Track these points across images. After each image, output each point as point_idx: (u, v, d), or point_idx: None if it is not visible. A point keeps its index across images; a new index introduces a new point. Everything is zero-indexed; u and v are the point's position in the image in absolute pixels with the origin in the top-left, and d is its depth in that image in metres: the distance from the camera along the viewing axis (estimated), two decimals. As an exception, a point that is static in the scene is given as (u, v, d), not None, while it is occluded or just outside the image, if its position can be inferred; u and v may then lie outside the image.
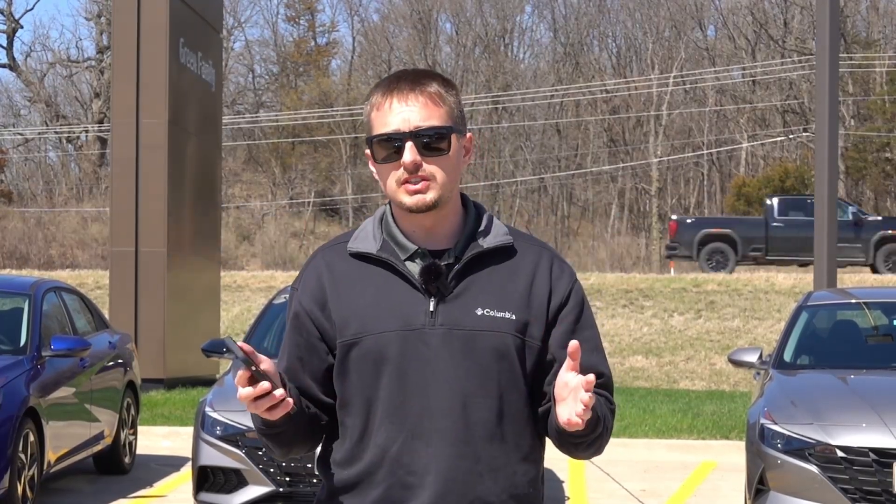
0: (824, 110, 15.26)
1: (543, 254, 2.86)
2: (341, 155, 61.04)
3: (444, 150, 2.77)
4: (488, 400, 2.75)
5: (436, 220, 2.80)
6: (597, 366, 2.83)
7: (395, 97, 2.78)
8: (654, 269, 49.05)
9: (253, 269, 43.99)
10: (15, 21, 62.07)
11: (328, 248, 2.90)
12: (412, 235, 2.82)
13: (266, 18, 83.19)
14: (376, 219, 2.88)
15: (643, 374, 22.84)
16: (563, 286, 2.84)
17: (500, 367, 2.76)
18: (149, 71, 17.99)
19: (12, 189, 59.44)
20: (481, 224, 2.85)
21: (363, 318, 2.77)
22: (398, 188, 2.77)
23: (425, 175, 2.75)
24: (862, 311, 10.21)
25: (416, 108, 2.76)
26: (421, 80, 2.81)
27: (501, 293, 2.79)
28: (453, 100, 2.82)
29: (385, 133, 2.77)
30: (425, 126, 2.76)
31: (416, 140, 2.75)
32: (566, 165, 60.62)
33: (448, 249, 2.81)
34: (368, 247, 2.82)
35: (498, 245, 2.82)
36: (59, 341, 10.09)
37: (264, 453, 8.57)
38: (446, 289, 2.76)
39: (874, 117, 55.81)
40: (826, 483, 7.83)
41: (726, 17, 61.90)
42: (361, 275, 2.81)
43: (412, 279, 2.78)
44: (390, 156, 2.77)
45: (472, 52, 63.03)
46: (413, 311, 2.76)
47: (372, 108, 2.84)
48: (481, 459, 2.75)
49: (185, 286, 18.66)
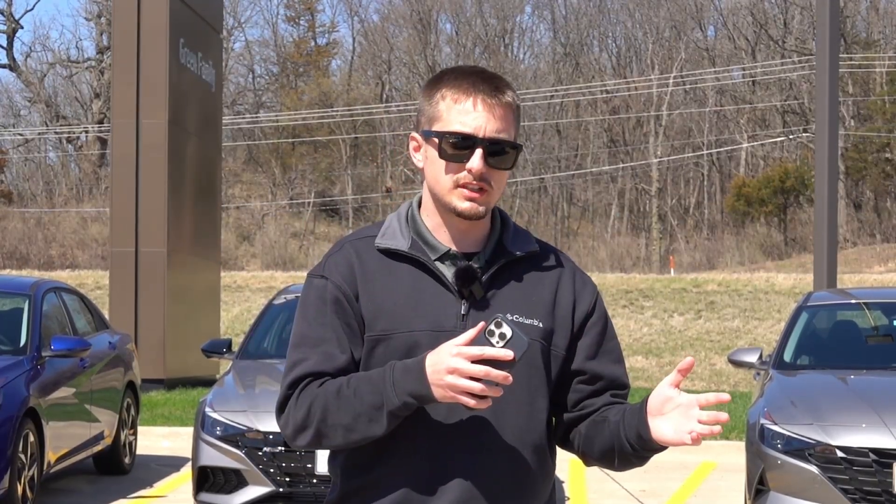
0: (824, 110, 15.26)
1: (566, 264, 2.87)
2: (341, 155, 61.03)
3: (509, 165, 2.76)
4: (518, 406, 2.73)
5: (472, 224, 2.78)
6: (620, 377, 2.86)
7: (481, 98, 2.73)
8: (654, 270, 49.08)
9: (253, 270, 44.00)
10: (15, 21, 62.08)
11: (355, 239, 2.83)
12: (443, 235, 2.79)
13: (266, 19, 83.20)
14: (402, 216, 2.84)
15: (643, 374, 22.84)
16: (587, 297, 2.85)
17: (530, 374, 2.74)
18: (149, 71, 17.99)
19: (12, 189, 59.45)
20: (508, 231, 2.84)
21: (393, 314, 2.72)
22: (453, 189, 2.73)
23: (484, 185, 2.73)
24: (862, 312, 10.21)
25: (496, 117, 2.73)
26: (501, 87, 2.76)
27: (528, 301, 2.78)
28: (520, 113, 2.82)
29: (462, 132, 2.72)
30: (500, 138, 2.73)
31: (488, 148, 2.72)
32: (566, 166, 60.64)
33: (477, 253, 2.79)
34: (399, 244, 2.77)
35: (526, 253, 2.81)
36: (59, 342, 10.09)
37: (264, 453, 8.57)
38: (480, 293, 2.75)
39: (874, 117, 55.82)
40: (826, 483, 7.83)
41: (726, 18, 61.92)
42: (391, 271, 2.76)
43: (445, 280, 2.74)
44: (457, 155, 2.72)
45: (472, 53, 63.02)
46: (444, 313, 2.72)
47: (444, 99, 2.76)
48: (507, 468, 2.72)
49: (185, 286, 18.66)
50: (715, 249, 53.35)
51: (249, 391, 9.22)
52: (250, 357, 10.05)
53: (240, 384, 9.35)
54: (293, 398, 2.71)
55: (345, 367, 2.71)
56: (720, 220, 58.72)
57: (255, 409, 8.77)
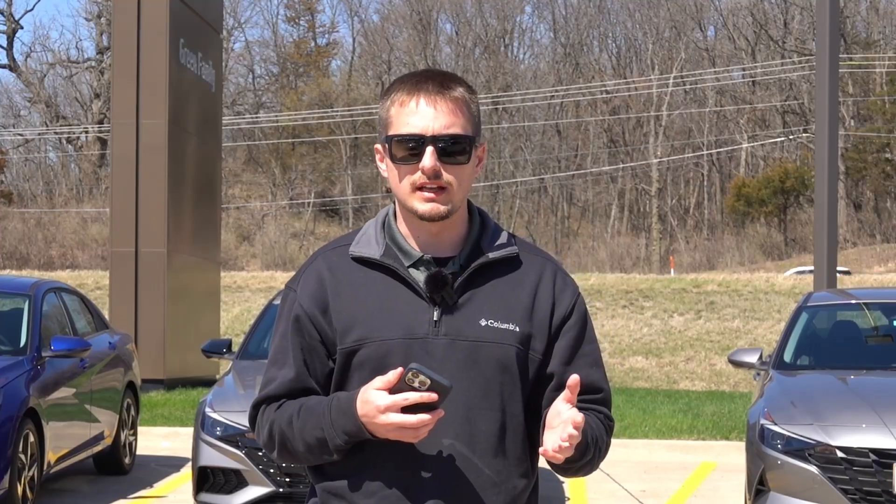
0: (824, 110, 15.26)
1: (547, 266, 2.81)
2: (341, 156, 61.05)
3: (464, 160, 2.70)
4: (491, 412, 2.70)
5: (443, 227, 2.73)
6: (596, 382, 2.79)
7: (423, 97, 2.70)
8: (653, 270, 49.08)
9: (253, 270, 44.01)
10: (15, 22, 62.10)
11: (329, 250, 2.81)
12: (416, 241, 2.75)
13: (266, 19, 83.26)
14: (378, 222, 2.81)
15: (643, 374, 22.85)
16: (566, 299, 2.79)
17: (503, 379, 2.71)
18: (149, 71, 17.99)
19: (12, 190, 59.45)
20: (486, 232, 2.78)
21: (365, 324, 2.70)
22: (412, 192, 2.69)
23: (442, 183, 2.68)
24: (862, 312, 10.20)
25: (443, 112, 2.69)
26: (448, 84, 2.73)
27: (505, 304, 2.73)
28: (475, 107, 2.76)
29: (408, 133, 2.68)
30: (450, 133, 2.68)
31: (437, 145, 2.67)
32: (566, 166, 60.65)
33: (453, 257, 2.74)
34: (371, 252, 2.75)
35: (503, 256, 2.76)
36: (59, 342, 10.08)
37: (264, 454, 8.57)
38: (451, 298, 2.71)
39: (874, 117, 55.83)
40: (826, 483, 7.82)
41: (726, 18, 61.93)
42: (364, 280, 2.74)
43: (416, 287, 2.71)
44: (408, 157, 2.69)
45: (472, 53, 63.05)
46: (416, 320, 2.69)
47: (393, 104, 2.73)
48: (483, 473, 2.69)
49: (185, 286, 18.66)
50: (715, 250, 53.37)
51: (249, 391, 9.22)
52: (250, 357, 10.04)
53: (240, 384, 9.35)
54: (258, 417, 2.79)
55: (302, 388, 2.74)
56: (720, 221, 58.75)
57: (255, 410, 8.76)
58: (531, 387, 2.77)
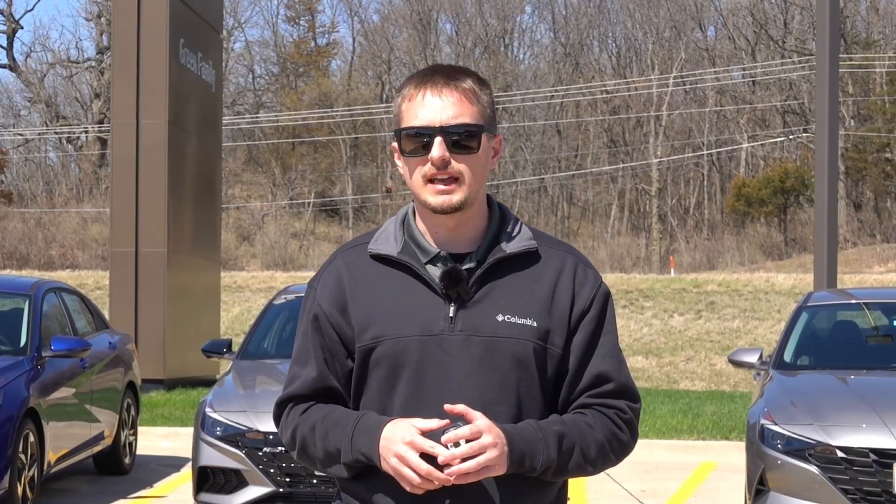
0: (824, 110, 15.26)
1: (568, 259, 2.79)
2: (341, 155, 61.03)
3: (474, 149, 2.71)
4: (507, 408, 2.68)
5: (460, 221, 2.73)
6: (605, 372, 2.75)
7: (429, 90, 2.71)
8: (654, 270, 49.07)
9: (253, 270, 44.01)
10: (15, 21, 62.08)
11: (349, 248, 2.83)
12: (434, 236, 2.75)
13: (266, 19, 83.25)
14: (398, 219, 2.81)
15: (643, 374, 22.84)
16: (585, 293, 2.77)
17: (520, 375, 2.69)
18: (149, 71, 17.99)
19: (12, 189, 59.44)
20: (506, 227, 2.78)
21: (382, 322, 2.70)
22: (424, 185, 2.70)
23: (453, 174, 2.69)
24: (862, 312, 10.20)
25: (450, 103, 2.69)
26: (456, 76, 2.73)
27: (523, 299, 2.72)
28: (487, 99, 2.75)
29: (414, 126, 2.70)
30: (457, 123, 2.69)
31: (446, 136, 2.68)
32: (566, 166, 60.63)
33: (470, 253, 2.74)
34: (389, 249, 2.75)
35: (521, 250, 2.75)
36: (60, 342, 10.08)
37: (264, 454, 8.57)
38: (467, 294, 2.69)
39: (874, 117, 55.82)
40: (826, 483, 7.82)
41: (726, 18, 61.92)
42: (381, 277, 2.74)
43: (432, 283, 2.71)
44: (418, 149, 2.70)
45: (472, 53, 63.03)
46: (432, 316, 2.69)
47: (403, 100, 2.75)
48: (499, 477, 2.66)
49: (185, 286, 18.66)
50: (715, 249, 53.33)
51: (249, 391, 9.22)
52: (250, 357, 10.04)
53: (240, 384, 9.35)
54: (283, 417, 2.81)
55: (324, 388, 2.76)
56: (720, 221, 58.72)
57: (255, 410, 8.77)
58: (552, 383, 2.75)
